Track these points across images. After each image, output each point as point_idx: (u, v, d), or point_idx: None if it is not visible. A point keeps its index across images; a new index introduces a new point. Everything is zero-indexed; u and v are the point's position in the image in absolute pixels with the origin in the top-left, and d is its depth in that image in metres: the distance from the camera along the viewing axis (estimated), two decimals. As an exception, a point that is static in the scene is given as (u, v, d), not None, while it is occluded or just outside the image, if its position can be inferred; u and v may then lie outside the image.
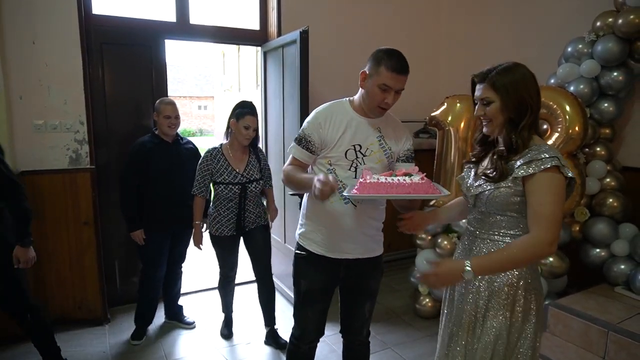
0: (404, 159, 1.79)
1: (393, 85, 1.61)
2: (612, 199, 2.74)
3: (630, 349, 2.16)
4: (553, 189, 1.28)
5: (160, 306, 3.19)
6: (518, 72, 1.37)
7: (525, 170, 1.30)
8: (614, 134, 2.94)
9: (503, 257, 1.30)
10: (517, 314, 1.38)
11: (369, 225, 1.79)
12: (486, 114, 1.40)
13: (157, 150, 2.80)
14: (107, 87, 3.21)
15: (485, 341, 1.40)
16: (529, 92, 1.35)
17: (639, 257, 2.62)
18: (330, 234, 1.76)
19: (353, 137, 1.70)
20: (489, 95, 1.37)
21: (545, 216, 1.27)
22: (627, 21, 2.54)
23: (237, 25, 3.90)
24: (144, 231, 2.83)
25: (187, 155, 2.92)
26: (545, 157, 1.29)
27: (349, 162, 1.70)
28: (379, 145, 1.73)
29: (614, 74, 2.71)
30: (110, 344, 2.92)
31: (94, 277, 3.13)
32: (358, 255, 1.80)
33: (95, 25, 3.10)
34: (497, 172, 1.36)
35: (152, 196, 2.81)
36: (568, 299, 2.59)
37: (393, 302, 3.51)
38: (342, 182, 1.71)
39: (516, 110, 1.35)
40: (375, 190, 1.40)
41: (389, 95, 1.62)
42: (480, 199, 1.42)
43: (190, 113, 30.09)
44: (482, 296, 1.41)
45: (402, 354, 2.78)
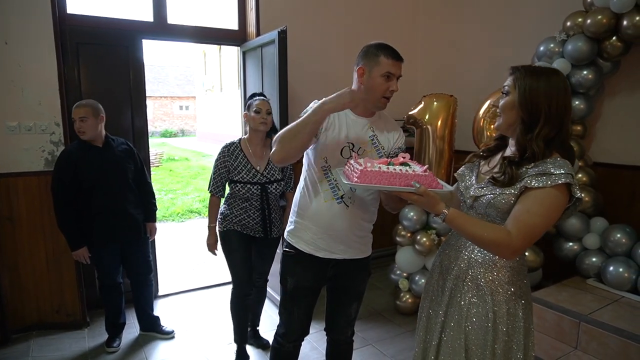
0: (393, 156, 1.77)
1: (395, 72, 1.66)
2: (583, 194, 2.81)
3: (600, 339, 2.23)
4: (550, 206, 1.23)
5: (134, 317, 3.07)
6: (550, 79, 1.28)
7: (537, 181, 1.24)
8: (585, 131, 3.02)
9: (475, 230, 1.27)
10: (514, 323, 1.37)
11: (360, 227, 1.80)
12: (499, 105, 1.37)
13: (86, 158, 2.59)
14: (83, 88, 3.17)
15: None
16: (548, 102, 1.26)
17: (610, 250, 2.70)
18: (320, 233, 1.77)
19: (348, 136, 1.72)
20: (508, 85, 1.34)
21: (528, 225, 1.23)
22: (595, 21, 2.61)
23: (216, 25, 3.88)
24: (88, 248, 2.67)
25: (122, 158, 2.72)
26: (558, 172, 1.22)
27: (345, 160, 1.70)
28: (372, 145, 1.74)
29: (584, 73, 2.78)
30: (89, 347, 2.88)
31: (72, 281, 3.09)
32: (346, 256, 1.81)
33: (70, 25, 3.06)
34: (506, 177, 1.30)
35: (90, 208, 2.62)
36: (542, 292, 2.66)
37: (374, 299, 3.55)
38: (337, 182, 1.72)
39: (528, 114, 1.28)
40: (378, 180, 1.29)
41: (393, 83, 1.66)
42: (481, 202, 1.36)
43: (171, 113, 29.79)
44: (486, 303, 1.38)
45: (382, 349, 2.82)
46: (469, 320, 1.39)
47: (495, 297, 1.37)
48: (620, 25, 2.56)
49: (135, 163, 2.81)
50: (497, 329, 1.36)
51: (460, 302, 1.41)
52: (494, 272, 1.38)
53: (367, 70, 1.67)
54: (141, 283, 2.95)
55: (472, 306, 1.39)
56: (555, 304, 2.49)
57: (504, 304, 1.36)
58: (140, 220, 2.82)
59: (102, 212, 2.64)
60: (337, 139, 1.71)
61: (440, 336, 1.46)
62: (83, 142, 2.64)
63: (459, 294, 1.42)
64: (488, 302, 1.37)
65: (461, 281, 1.43)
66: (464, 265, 1.43)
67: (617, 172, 3.00)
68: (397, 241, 3.30)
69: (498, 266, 1.39)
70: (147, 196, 2.91)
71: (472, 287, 1.40)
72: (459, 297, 1.42)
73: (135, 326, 3.09)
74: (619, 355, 2.16)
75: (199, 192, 9.14)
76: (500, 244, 1.24)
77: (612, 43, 2.67)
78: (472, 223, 1.29)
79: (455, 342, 1.40)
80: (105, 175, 2.64)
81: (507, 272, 1.39)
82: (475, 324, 1.38)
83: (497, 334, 1.36)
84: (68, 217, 2.60)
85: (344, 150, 1.71)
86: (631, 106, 2.93)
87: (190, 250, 5.09)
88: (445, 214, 1.27)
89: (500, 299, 1.37)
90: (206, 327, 3.16)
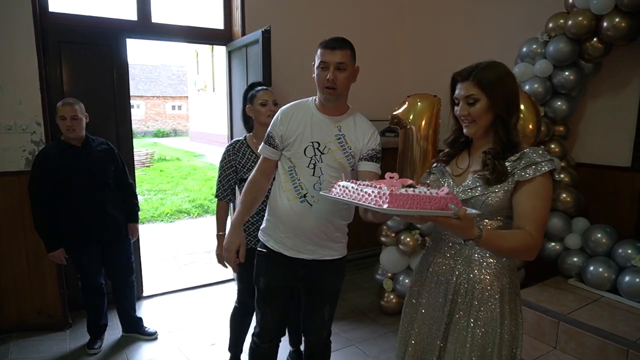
0: (366, 158, 1.74)
1: (329, 60, 1.63)
2: (565, 194, 2.84)
3: (578, 338, 2.25)
4: (546, 194, 1.28)
5: (117, 319, 3.04)
6: (501, 68, 1.34)
7: (526, 173, 1.27)
8: (567, 132, 3.04)
9: (506, 245, 1.24)
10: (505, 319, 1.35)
11: (329, 227, 1.77)
12: (470, 114, 1.34)
13: (65, 158, 2.55)
14: (65, 87, 3.14)
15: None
16: (513, 89, 1.34)
17: (591, 250, 2.72)
18: (287, 232, 1.77)
19: (312, 134, 1.71)
20: (474, 92, 1.31)
21: (539, 222, 1.26)
22: (576, 22, 2.63)
23: (202, 24, 3.87)
24: (66, 249, 2.64)
25: (101, 158, 2.69)
26: (543, 160, 1.27)
27: (308, 160, 1.71)
28: (338, 144, 1.71)
29: (566, 74, 2.80)
30: (70, 349, 2.85)
31: (54, 281, 3.05)
32: (316, 257, 1.79)
33: (52, 24, 3.03)
34: (496, 173, 1.30)
35: (69, 209, 2.58)
36: (523, 291, 2.67)
37: (359, 299, 3.55)
38: (300, 181, 1.72)
39: (505, 108, 1.32)
40: (410, 204, 1.13)
41: (327, 72, 1.63)
42: (472, 204, 1.34)
43: (163, 113, 29.66)
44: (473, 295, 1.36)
45: (365, 350, 2.82)
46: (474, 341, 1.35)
47: (501, 299, 1.34)
48: (601, 27, 2.58)
49: (115, 163, 2.78)
50: (503, 330, 1.34)
51: (462, 328, 1.36)
52: (495, 275, 1.35)
53: (314, 66, 1.69)
54: (123, 284, 2.92)
55: (476, 327, 1.35)
56: (535, 303, 2.50)
57: (507, 304, 1.35)
58: (121, 220, 2.80)
59: (82, 212, 2.61)
60: (301, 138, 1.71)
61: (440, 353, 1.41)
62: (61, 142, 2.61)
63: (460, 314, 1.37)
64: (495, 308, 1.33)
65: (462, 296, 1.37)
66: (464, 277, 1.38)
67: (599, 172, 3.02)
68: (381, 241, 3.30)
69: (499, 267, 1.36)
70: (128, 197, 2.87)
71: (474, 301, 1.35)
72: (461, 320, 1.37)
73: (118, 327, 3.06)
74: (597, 355, 2.17)
75: (189, 192, 9.10)
76: (529, 248, 1.25)
77: (593, 44, 2.69)
78: (503, 238, 1.25)
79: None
80: (84, 176, 2.61)
81: (506, 272, 1.37)
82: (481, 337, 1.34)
83: (503, 335, 1.34)
84: (44, 218, 2.57)
85: (308, 149, 1.71)
86: (613, 107, 2.96)
87: (178, 251, 5.07)
88: (480, 237, 1.18)
89: (505, 299, 1.35)
90: (190, 328, 3.14)
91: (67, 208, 2.60)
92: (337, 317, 3.20)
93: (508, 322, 1.35)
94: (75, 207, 2.60)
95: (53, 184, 2.55)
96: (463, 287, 1.38)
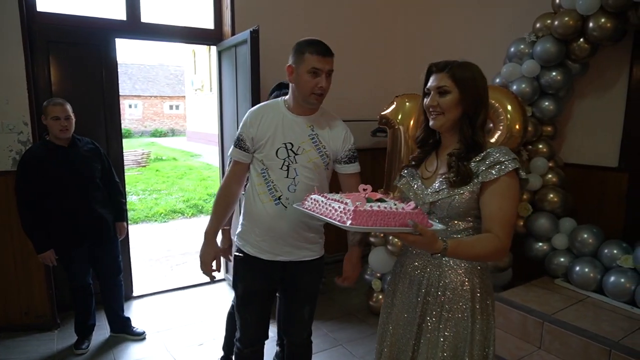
0: (346, 160, 1.76)
1: (322, 67, 1.63)
2: (553, 194, 2.84)
3: (562, 338, 2.25)
4: (512, 194, 1.28)
5: (105, 319, 3.02)
6: (475, 69, 1.37)
7: (490, 174, 1.27)
8: (555, 132, 3.04)
9: (474, 252, 1.26)
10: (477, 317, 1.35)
11: (304, 228, 1.76)
12: (440, 105, 1.34)
13: (51, 158, 2.55)
14: (54, 87, 3.13)
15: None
16: (484, 91, 1.36)
17: (577, 250, 2.72)
18: (263, 235, 1.76)
19: (284, 135, 1.70)
20: (447, 84, 1.33)
21: (506, 223, 1.27)
22: (562, 23, 2.63)
23: (192, 24, 3.86)
24: (55, 250, 2.63)
25: (88, 158, 2.68)
26: (507, 158, 1.28)
27: (281, 161, 1.69)
28: (312, 144, 1.70)
29: (553, 74, 2.80)
30: (57, 349, 2.85)
31: (41, 282, 3.05)
32: (292, 258, 1.78)
33: (40, 23, 3.02)
34: (460, 175, 1.30)
35: (56, 210, 2.58)
36: (510, 292, 2.68)
37: (348, 300, 3.55)
38: (274, 183, 1.71)
39: (472, 106, 1.34)
40: (373, 221, 1.13)
41: (321, 79, 1.63)
42: (439, 206, 1.35)
43: (161, 113, 29.59)
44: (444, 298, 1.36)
45: (352, 350, 2.82)
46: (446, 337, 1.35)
47: (472, 299, 1.34)
48: (587, 27, 2.59)
49: (102, 163, 2.78)
50: (474, 330, 1.34)
51: (434, 328, 1.37)
52: (465, 275, 1.36)
53: (295, 68, 1.66)
54: (111, 284, 2.91)
55: (447, 325, 1.35)
56: (520, 303, 2.50)
57: (478, 304, 1.35)
58: (109, 220, 2.79)
59: (70, 212, 2.61)
60: (273, 140, 1.70)
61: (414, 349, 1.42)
62: (48, 142, 2.61)
63: (432, 314, 1.38)
64: (466, 308, 1.34)
65: (433, 297, 1.38)
66: (435, 278, 1.38)
67: (587, 172, 3.03)
68: (370, 242, 3.29)
69: (469, 267, 1.36)
70: (115, 196, 2.87)
71: (445, 301, 1.36)
72: (433, 320, 1.37)
73: (106, 327, 3.05)
74: (580, 355, 2.17)
75: (184, 192, 9.09)
76: (497, 251, 1.26)
77: (580, 45, 2.70)
78: (470, 246, 1.26)
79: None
80: (72, 176, 2.60)
81: (477, 272, 1.37)
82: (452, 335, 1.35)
83: (475, 335, 1.34)
84: (32, 219, 2.57)
85: (280, 151, 1.69)
86: (601, 108, 2.96)
87: (171, 251, 5.06)
88: (446, 250, 1.18)
89: (475, 299, 1.35)
90: (179, 328, 3.13)
91: (55, 208, 2.59)
92: (325, 317, 3.24)
93: (479, 322, 1.35)
94: (63, 207, 2.60)
95: (40, 185, 2.54)
96: (434, 287, 1.38)
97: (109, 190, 2.83)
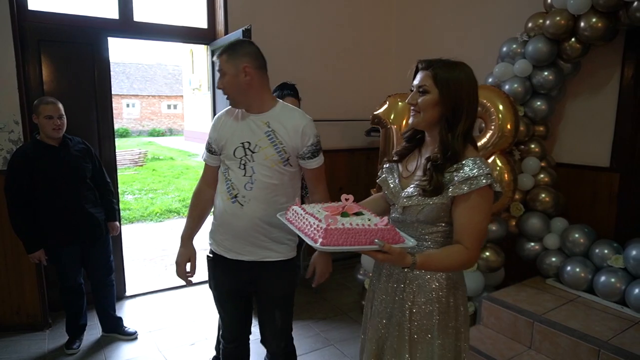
0: (309, 156, 1.71)
1: (217, 69, 1.69)
2: (544, 194, 2.84)
3: (552, 338, 2.25)
4: (483, 207, 1.27)
5: (97, 319, 3.02)
6: (463, 71, 1.31)
7: (461, 190, 1.26)
8: (547, 132, 3.04)
9: (442, 264, 1.28)
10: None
11: (265, 227, 1.70)
12: (418, 103, 1.33)
13: (43, 158, 2.54)
14: (45, 86, 3.12)
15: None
16: (468, 96, 1.30)
17: (569, 250, 2.72)
18: (225, 233, 1.75)
19: (241, 135, 1.70)
20: (427, 84, 1.30)
21: (475, 235, 1.27)
22: (554, 22, 2.63)
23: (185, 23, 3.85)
24: (46, 249, 2.63)
25: (79, 157, 2.68)
26: (481, 173, 1.25)
27: (238, 160, 1.70)
28: (269, 141, 1.67)
29: (545, 74, 2.80)
30: (48, 349, 2.84)
31: (33, 282, 3.04)
32: (255, 258, 1.73)
33: (31, 22, 3.01)
34: (432, 186, 1.29)
35: (47, 210, 2.57)
36: (501, 292, 2.68)
37: (341, 299, 3.54)
38: (232, 182, 1.71)
39: (452, 111, 1.29)
40: (344, 240, 1.14)
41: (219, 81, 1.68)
42: (410, 212, 1.35)
43: (159, 112, 29.56)
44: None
45: (343, 350, 2.81)
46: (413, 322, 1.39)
47: (438, 292, 1.37)
48: (578, 27, 2.58)
49: (93, 162, 2.77)
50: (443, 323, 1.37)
51: (405, 320, 1.40)
52: (432, 273, 1.38)
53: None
54: (102, 284, 2.90)
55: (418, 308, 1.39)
56: (511, 303, 2.50)
57: (445, 299, 1.37)
58: (100, 219, 2.78)
59: (60, 212, 2.60)
60: (231, 140, 1.71)
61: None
62: (39, 141, 2.59)
63: (402, 307, 1.41)
64: (434, 303, 1.37)
65: (401, 286, 1.41)
66: (404, 274, 1.41)
67: (579, 172, 3.02)
68: (363, 241, 3.29)
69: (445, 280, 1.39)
70: (107, 195, 2.87)
71: (415, 291, 1.39)
72: (399, 314, 1.41)
73: (98, 327, 3.05)
74: (569, 355, 2.17)
75: (180, 191, 9.08)
76: (464, 263, 1.28)
77: (571, 44, 2.69)
78: (438, 259, 1.27)
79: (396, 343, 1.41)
80: (62, 175, 2.60)
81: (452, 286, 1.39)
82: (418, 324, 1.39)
83: (445, 329, 1.37)
84: (23, 219, 2.56)
85: (237, 150, 1.70)
86: (593, 107, 2.96)
87: (166, 251, 5.05)
88: (414, 265, 1.19)
89: (442, 293, 1.37)
90: (170, 328, 3.12)
91: (46, 208, 2.58)
92: (318, 317, 3.24)
93: (445, 317, 1.37)
94: (54, 206, 2.59)
95: (32, 184, 2.53)
96: (405, 282, 1.40)
97: (100, 190, 2.82)
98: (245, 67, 1.65)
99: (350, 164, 4.30)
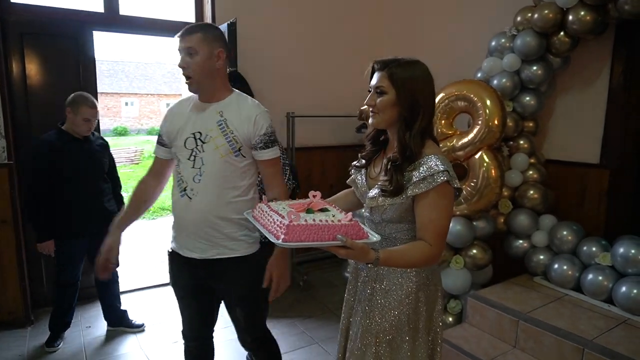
0: (261, 146, 1.63)
1: (179, 47, 1.58)
2: (533, 191, 2.79)
3: (536, 337, 2.20)
4: (443, 204, 1.28)
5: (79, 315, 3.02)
6: (419, 69, 1.33)
7: (419, 188, 1.26)
8: (537, 128, 2.99)
9: (405, 260, 1.28)
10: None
11: (216, 222, 1.63)
12: (376, 105, 1.33)
13: (69, 149, 2.59)
14: (29, 80, 3.08)
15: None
16: (423, 94, 1.31)
17: (556, 248, 2.68)
18: (178, 230, 1.70)
19: (194, 125, 1.64)
20: (384, 85, 1.31)
21: (437, 232, 1.28)
22: (542, 16, 2.58)
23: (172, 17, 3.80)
24: (55, 240, 2.64)
25: (99, 152, 2.76)
26: (437, 171, 1.25)
27: (189, 152, 1.64)
28: (220, 130, 1.60)
29: (534, 68, 2.75)
30: (29, 347, 2.80)
31: (14, 278, 2.99)
32: (207, 256, 1.66)
33: (14, 15, 2.97)
34: (392, 187, 1.30)
35: (65, 200, 2.60)
36: (487, 290, 2.63)
37: (329, 297, 3.50)
38: (182, 174, 1.66)
39: (409, 110, 1.30)
40: (306, 236, 1.13)
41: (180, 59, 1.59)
42: (375, 212, 1.37)
43: (158, 111, 29.49)
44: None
45: (327, 348, 2.77)
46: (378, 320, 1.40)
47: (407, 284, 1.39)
48: (566, 20, 2.54)
49: (109, 158, 2.84)
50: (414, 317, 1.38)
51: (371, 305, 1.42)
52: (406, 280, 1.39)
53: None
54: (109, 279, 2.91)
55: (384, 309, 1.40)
56: (497, 302, 2.46)
57: (414, 294, 1.38)
58: (113, 213, 2.77)
59: (78, 204, 2.63)
60: (182, 131, 1.65)
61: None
62: (64, 132, 2.63)
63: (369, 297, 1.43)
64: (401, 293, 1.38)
65: (369, 286, 1.43)
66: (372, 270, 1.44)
67: (568, 169, 2.98)
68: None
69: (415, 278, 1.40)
70: (117, 188, 2.95)
71: (382, 290, 1.41)
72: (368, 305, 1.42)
73: (80, 325, 3.01)
74: (553, 354, 2.13)
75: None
76: (428, 259, 1.28)
77: (560, 38, 2.65)
78: (401, 255, 1.27)
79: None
80: (85, 168, 2.66)
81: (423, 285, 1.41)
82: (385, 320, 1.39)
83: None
84: (41, 208, 2.58)
85: (188, 141, 1.64)
86: (582, 103, 2.91)
87: (156, 249, 5.00)
88: (378, 260, 1.19)
89: (412, 287, 1.38)
90: (154, 325, 3.09)
91: (65, 198, 2.61)
92: (304, 315, 3.20)
93: (415, 315, 1.37)
94: (74, 198, 2.62)
95: (53, 174, 2.55)
96: (375, 280, 1.42)
97: (112, 184, 2.89)
98: (219, 51, 1.59)
99: (341, 161, 4.25)
